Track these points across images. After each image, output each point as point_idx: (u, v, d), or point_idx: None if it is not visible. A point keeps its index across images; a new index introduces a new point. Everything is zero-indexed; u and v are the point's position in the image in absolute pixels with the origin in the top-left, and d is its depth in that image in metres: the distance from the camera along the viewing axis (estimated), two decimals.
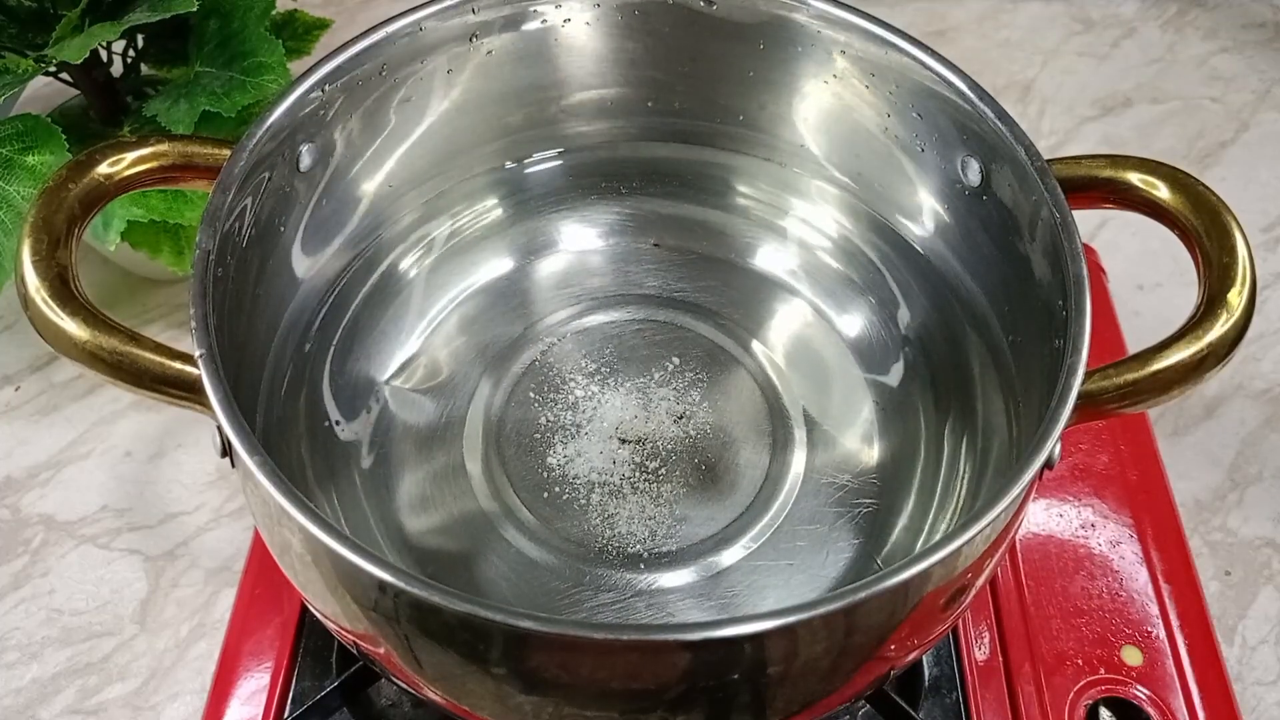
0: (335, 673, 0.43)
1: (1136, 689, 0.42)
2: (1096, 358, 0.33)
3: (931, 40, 0.41)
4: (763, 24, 0.44)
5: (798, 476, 0.44)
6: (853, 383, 0.46)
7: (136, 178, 0.36)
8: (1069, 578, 0.45)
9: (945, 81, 0.40)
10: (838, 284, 0.48)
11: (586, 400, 0.45)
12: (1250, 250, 0.35)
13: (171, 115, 0.49)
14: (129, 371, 0.33)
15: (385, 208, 0.46)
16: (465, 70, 0.45)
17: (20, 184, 0.47)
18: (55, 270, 0.33)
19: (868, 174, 0.47)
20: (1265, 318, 0.60)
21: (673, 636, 0.28)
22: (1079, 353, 0.33)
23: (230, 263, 0.37)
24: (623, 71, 0.47)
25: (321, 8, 0.66)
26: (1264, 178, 0.67)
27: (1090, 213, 0.44)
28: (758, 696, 0.31)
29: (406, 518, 0.42)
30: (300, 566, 0.33)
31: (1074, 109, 0.71)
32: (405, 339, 0.46)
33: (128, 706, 0.46)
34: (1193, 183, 0.36)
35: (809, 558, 0.42)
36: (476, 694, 0.32)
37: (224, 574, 0.50)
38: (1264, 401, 0.57)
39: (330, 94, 0.40)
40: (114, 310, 0.49)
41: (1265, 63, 0.74)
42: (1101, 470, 0.49)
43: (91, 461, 0.54)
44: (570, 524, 0.42)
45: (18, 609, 0.49)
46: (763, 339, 0.47)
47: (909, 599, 0.31)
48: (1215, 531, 0.52)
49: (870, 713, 0.42)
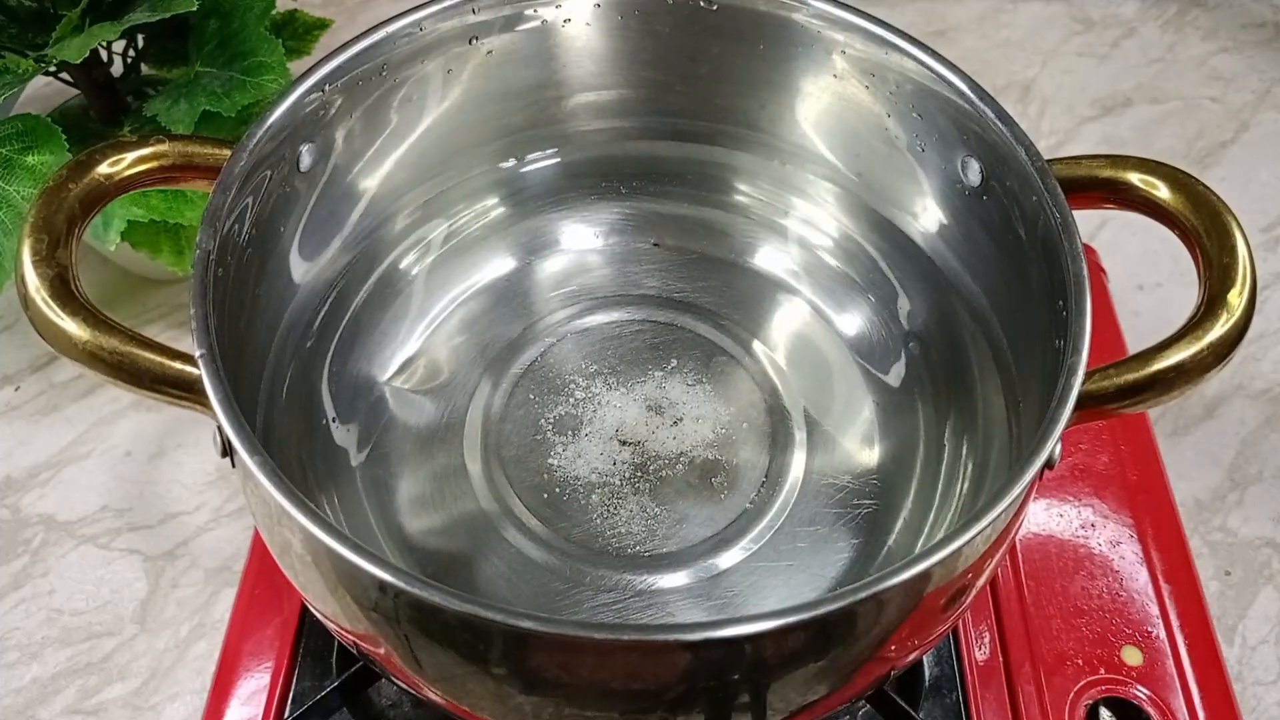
0: (335, 673, 0.43)
1: (1136, 689, 0.42)
2: (1096, 358, 0.33)
3: (931, 40, 0.41)
4: (763, 24, 0.44)
5: (797, 477, 0.44)
6: (853, 383, 0.46)
7: (136, 178, 0.36)
8: (1069, 578, 0.45)
9: (945, 81, 0.40)
10: (838, 284, 0.48)
11: (586, 400, 0.45)
12: (1250, 250, 0.35)
13: (171, 115, 0.49)
14: (129, 371, 0.33)
15: (385, 207, 0.46)
16: (465, 70, 0.45)
17: (20, 184, 0.47)
18: (55, 270, 0.33)
19: (868, 174, 0.47)
20: (1265, 318, 0.60)
21: (673, 637, 0.28)
22: (1079, 353, 0.33)
23: (230, 263, 0.37)
24: (623, 71, 0.47)
25: (321, 8, 0.66)
26: (1264, 178, 0.67)
27: (1090, 213, 0.44)
28: (758, 697, 0.31)
29: (406, 518, 0.42)
30: (300, 566, 0.33)
31: (1074, 109, 0.71)
32: (405, 339, 0.46)
33: (128, 706, 0.46)
34: (1193, 183, 0.36)
35: (809, 558, 0.42)
36: (476, 694, 0.32)
37: (224, 574, 0.50)
38: (1264, 401, 0.57)
39: (330, 94, 0.40)
40: (114, 310, 0.49)
41: (1265, 63, 0.74)
42: (1101, 470, 0.49)
43: (91, 461, 0.54)
44: (570, 524, 0.42)
45: (18, 609, 0.49)
46: (763, 339, 0.47)
47: (909, 599, 0.31)
48: (1215, 531, 0.52)
49: (870, 713, 0.42)
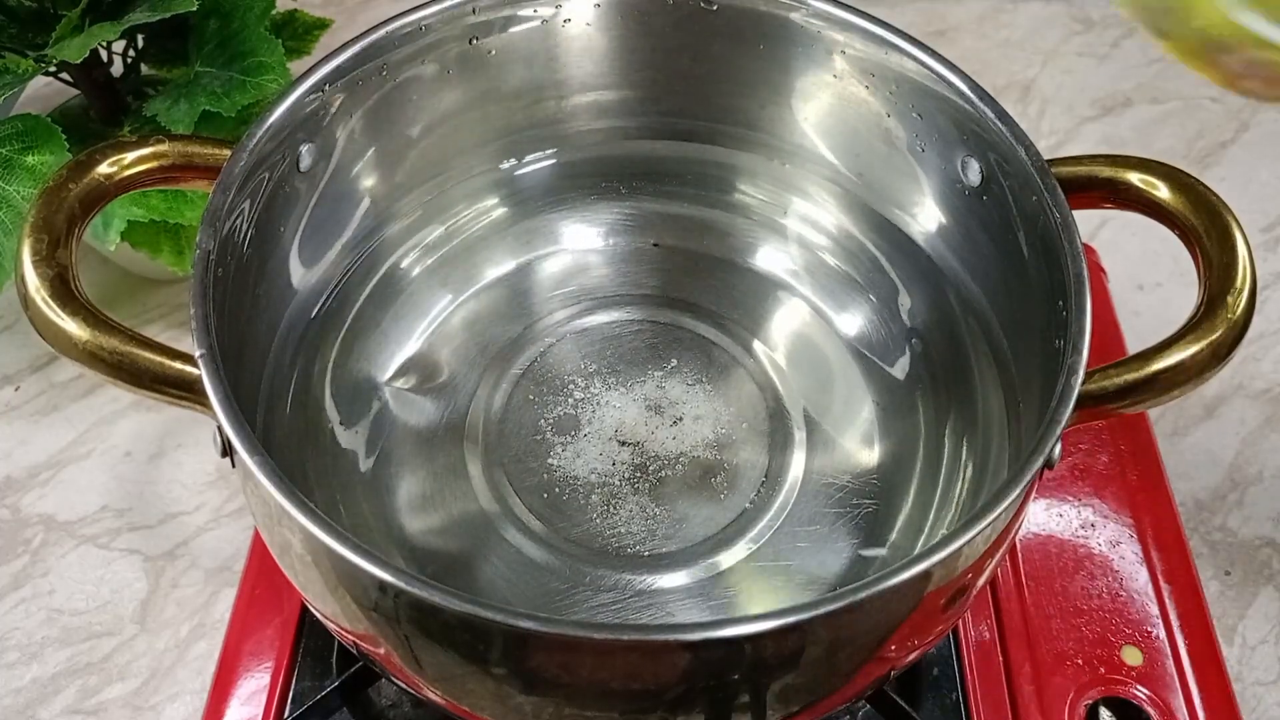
0: (335, 673, 0.43)
1: (1136, 689, 0.42)
2: (1097, 358, 0.33)
3: (931, 40, 0.41)
4: (763, 24, 0.44)
5: (797, 477, 0.44)
6: (853, 383, 0.46)
7: (136, 178, 0.36)
8: (1069, 578, 0.45)
9: (945, 81, 0.40)
10: (838, 283, 0.48)
11: (586, 401, 0.45)
12: (1250, 250, 0.35)
13: (171, 115, 0.49)
14: (129, 371, 0.33)
15: (385, 208, 0.46)
16: (465, 70, 0.45)
17: (20, 184, 0.47)
18: (55, 270, 0.33)
19: (868, 173, 0.47)
20: (1265, 318, 0.60)
21: (673, 637, 0.28)
22: (1079, 353, 0.33)
23: (230, 263, 0.37)
24: (623, 71, 0.47)
25: (321, 8, 0.66)
26: (1264, 178, 0.67)
27: (1090, 213, 0.44)
28: (758, 697, 0.31)
29: (406, 518, 0.42)
30: (300, 566, 0.33)
31: (1074, 109, 0.71)
32: (405, 339, 0.46)
33: (128, 706, 0.46)
34: (1193, 183, 0.36)
35: (809, 558, 0.42)
36: (477, 694, 0.32)
37: (224, 574, 0.50)
38: (1264, 401, 0.57)
39: (330, 94, 0.40)
40: (114, 310, 0.49)
41: None
42: (1101, 470, 0.49)
43: (91, 461, 0.54)
44: (570, 524, 0.42)
45: (18, 609, 0.49)
46: (763, 339, 0.47)
47: (909, 599, 0.31)
48: (1215, 531, 0.52)
49: (870, 713, 0.42)
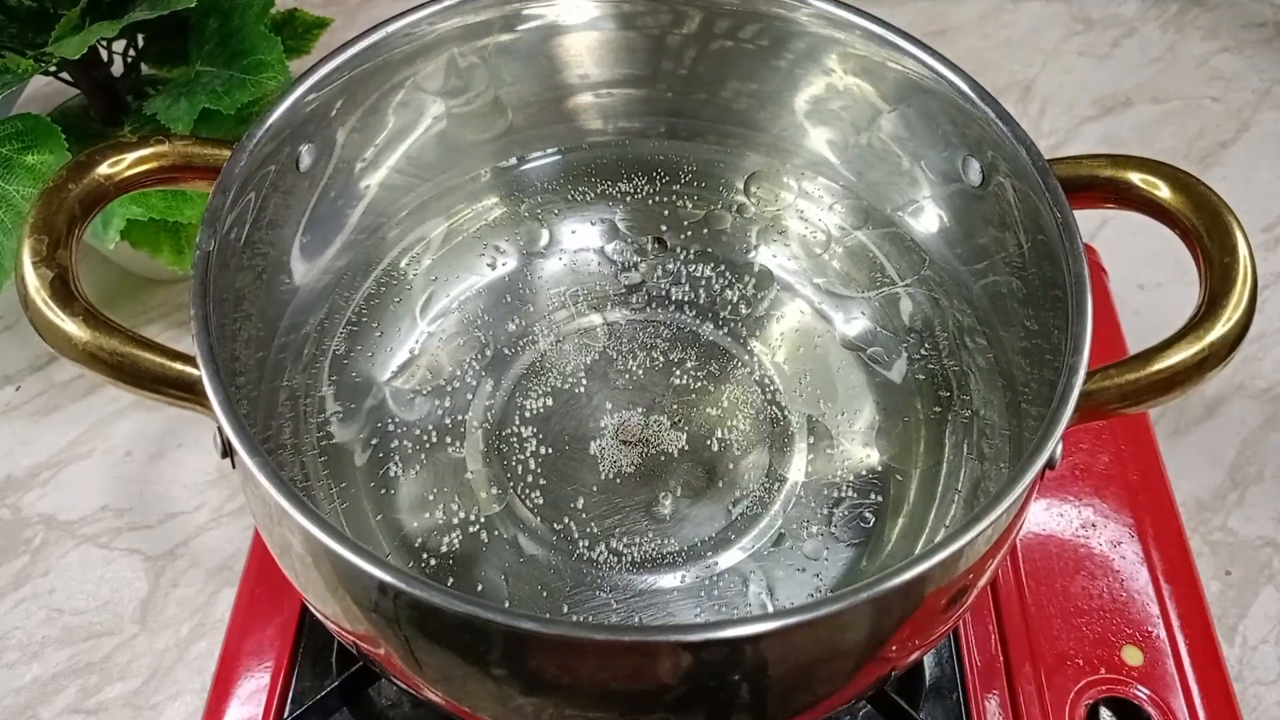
0: (335, 673, 0.43)
1: (1137, 689, 0.42)
2: (1097, 358, 0.33)
3: (931, 40, 0.41)
4: (763, 23, 0.44)
5: (798, 477, 0.44)
6: (853, 383, 0.46)
7: (136, 178, 0.36)
8: (1069, 578, 0.45)
9: (946, 81, 0.40)
10: (839, 283, 0.48)
11: (586, 400, 0.45)
12: (1251, 250, 0.35)
13: (171, 114, 0.49)
14: (129, 372, 0.33)
15: (385, 207, 0.46)
16: (465, 70, 0.45)
17: (20, 184, 0.47)
18: (55, 270, 0.33)
19: (868, 173, 0.47)
20: (1266, 318, 0.60)
21: (673, 637, 0.28)
22: (1080, 353, 0.33)
23: (230, 263, 0.37)
24: (622, 70, 0.47)
25: (321, 7, 0.66)
26: (1264, 177, 0.67)
27: (1090, 213, 0.44)
28: (758, 697, 0.31)
29: (406, 518, 0.42)
30: (300, 567, 0.33)
31: (1074, 109, 0.71)
32: (405, 339, 0.46)
33: (128, 706, 0.46)
34: (1193, 182, 0.36)
35: (809, 558, 0.42)
36: (477, 695, 0.32)
37: (224, 574, 0.50)
38: (1264, 401, 0.57)
39: (330, 94, 0.40)
40: (114, 310, 0.49)
41: (1265, 62, 0.74)
42: (1102, 470, 0.49)
43: (92, 461, 0.54)
44: (570, 524, 0.42)
45: (18, 609, 0.49)
46: (763, 339, 0.47)
47: (910, 600, 0.31)
48: (1215, 531, 0.52)
49: (871, 713, 0.42)
